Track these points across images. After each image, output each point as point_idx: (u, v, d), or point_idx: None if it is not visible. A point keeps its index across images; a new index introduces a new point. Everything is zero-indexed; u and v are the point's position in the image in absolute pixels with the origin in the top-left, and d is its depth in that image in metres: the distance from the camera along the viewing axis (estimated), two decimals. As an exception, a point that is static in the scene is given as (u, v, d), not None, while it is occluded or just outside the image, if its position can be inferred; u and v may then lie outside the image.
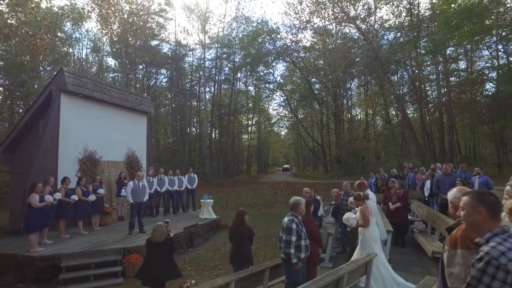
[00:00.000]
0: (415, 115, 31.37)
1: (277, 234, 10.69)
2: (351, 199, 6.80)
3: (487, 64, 23.83)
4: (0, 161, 10.70)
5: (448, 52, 25.32)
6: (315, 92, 34.51)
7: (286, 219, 4.18)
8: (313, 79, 34.76)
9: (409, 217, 8.37)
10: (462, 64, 26.97)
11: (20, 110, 23.48)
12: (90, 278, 6.40)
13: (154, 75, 35.67)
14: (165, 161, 29.63)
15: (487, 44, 22.00)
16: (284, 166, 58.71)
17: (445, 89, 25.94)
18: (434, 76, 27.50)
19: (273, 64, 36.63)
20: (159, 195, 11.46)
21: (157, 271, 4.57)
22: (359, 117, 41.27)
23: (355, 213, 5.71)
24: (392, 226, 6.90)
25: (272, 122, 48.34)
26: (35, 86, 22.69)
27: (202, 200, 11.43)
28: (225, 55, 36.23)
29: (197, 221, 10.37)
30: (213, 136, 37.00)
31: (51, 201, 7.26)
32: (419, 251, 7.23)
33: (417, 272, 5.95)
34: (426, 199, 9.67)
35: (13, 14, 14.77)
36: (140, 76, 34.84)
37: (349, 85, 36.61)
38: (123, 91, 12.05)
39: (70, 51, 31.59)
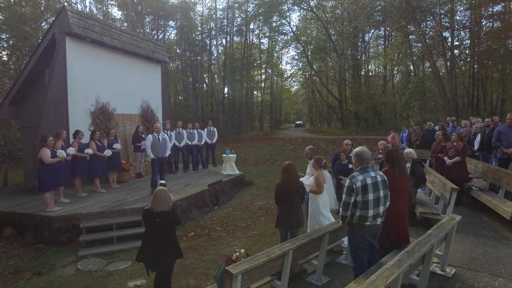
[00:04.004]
0: (439, 67, 29.34)
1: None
2: (407, 150, 5.87)
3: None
4: (8, 114, 9.90)
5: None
6: (334, 43, 32.25)
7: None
8: (331, 30, 32.42)
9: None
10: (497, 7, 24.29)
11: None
12: (113, 240, 5.81)
13: (162, 28, 33.71)
14: (178, 117, 28.85)
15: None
16: (297, 122, 57.44)
17: (472, 40, 23.69)
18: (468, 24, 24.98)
19: (288, 13, 34.23)
20: (178, 150, 10.72)
21: (164, 250, 3.55)
22: (377, 71, 39.12)
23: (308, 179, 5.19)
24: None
25: (285, 77, 46.40)
26: (39, 40, 21.47)
27: (224, 155, 10.68)
28: (236, 5, 33.82)
29: (220, 177, 9.67)
30: (226, 91, 35.72)
31: (64, 157, 6.52)
32: (477, 211, 6.39)
33: (489, 236, 5.12)
34: (476, 154, 8.67)
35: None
36: (148, 29, 32.95)
37: (368, 38, 34.21)
38: (135, 37, 10.84)
39: (73, 1, 29.65)
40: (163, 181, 3.94)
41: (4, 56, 21.67)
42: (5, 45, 21.43)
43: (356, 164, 3.43)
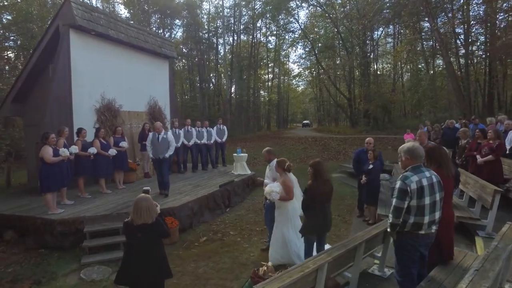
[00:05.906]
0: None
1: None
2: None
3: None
4: (11, 111, 9.54)
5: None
6: (343, 40, 31.62)
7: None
8: (340, 28, 31.83)
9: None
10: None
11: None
12: (119, 246, 5.34)
13: (169, 26, 33.43)
14: (185, 116, 28.51)
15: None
16: (304, 121, 56.89)
17: (487, 36, 22.88)
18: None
19: (296, 10, 33.78)
20: (187, 149, 10.25)
21: (147, 270, 2.94)
22: (385, 70, 38.43)
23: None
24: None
25: (292, 75, 45.86)
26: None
27: (235, 154, 10.20)
28: (244, 2, 33.43)
29: (232, 177, 9.20)
30: (232, 90, 35.34)
31: (67, 155, 6.08)
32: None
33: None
34: (507, 152, 8.06)
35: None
36: (154, 28, 32.70)
37: (376, 36, 33.52)
38: (142, 30, 10.41)
39: None
40: (147, 188, 3.26)
41: (12, 55, 21.51)
42: (13, 45, 21.25)
43: (406, 162, 2.89)
